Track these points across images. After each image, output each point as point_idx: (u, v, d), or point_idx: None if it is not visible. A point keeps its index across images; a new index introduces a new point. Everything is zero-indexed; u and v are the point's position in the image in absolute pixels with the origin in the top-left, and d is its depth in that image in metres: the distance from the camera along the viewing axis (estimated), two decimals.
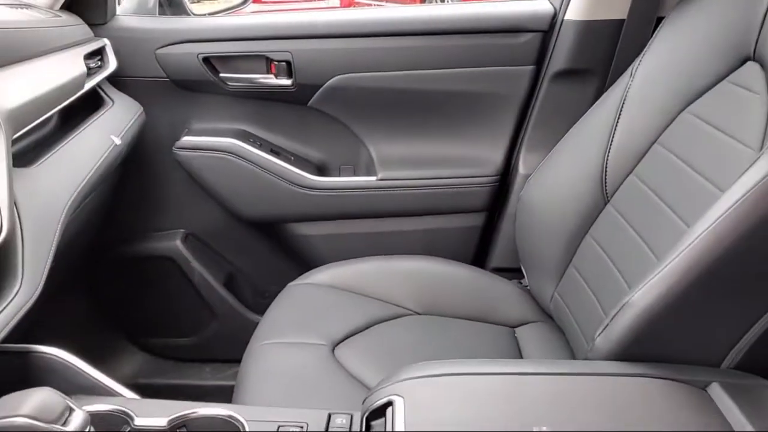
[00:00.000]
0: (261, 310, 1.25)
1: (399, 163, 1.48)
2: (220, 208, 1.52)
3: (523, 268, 1.31)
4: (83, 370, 0.85)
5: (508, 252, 1.44)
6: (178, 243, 1.53)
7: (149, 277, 1.55)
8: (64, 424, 0.62)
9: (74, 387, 0.85)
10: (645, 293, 0.78)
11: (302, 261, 1.50)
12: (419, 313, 1.23)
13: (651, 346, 0.78)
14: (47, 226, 0.91)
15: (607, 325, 0.81)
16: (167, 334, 1.61)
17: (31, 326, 0.86)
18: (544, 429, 0.65)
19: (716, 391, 0.72)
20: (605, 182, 1.10)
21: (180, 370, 1.62)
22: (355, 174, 1.51)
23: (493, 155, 1.46)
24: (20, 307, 0.80)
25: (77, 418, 0.63)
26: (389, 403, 0.71)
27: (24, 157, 0.99)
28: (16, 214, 0.83)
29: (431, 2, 5.47)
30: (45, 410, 0.61)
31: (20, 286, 0.81)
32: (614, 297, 0.93)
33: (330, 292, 1.25)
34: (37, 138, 1.07)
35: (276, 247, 1.59)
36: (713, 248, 0.74)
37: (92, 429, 0.65)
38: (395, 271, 1.30)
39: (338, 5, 5.86)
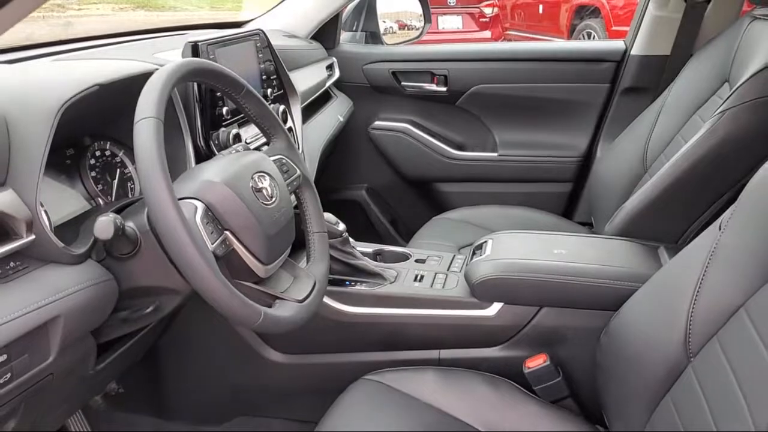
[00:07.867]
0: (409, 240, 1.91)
1: (513, 145, 2.15)
2: (392, 170, 2.26)
3: (592, 218, 1.92)
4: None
5: (584, 210, 2.07)
6: (363, 193, 2.29)
7: (342, 215, 2.30)
8: (336, 226, 1.37)
9: None
10: (632, 199, 1.42)
11: (441, 210, 2.13)
12: None
13: (634, 230, 1.41)
14: (313, 154, 1.70)
15: (612, 219, 1.46)
16: None
17: None
18: (562, 251, 1.31)
19: (661, 250, 1.35)
20: (645, 159, 1.69)
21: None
22: (483, 151, 2.19)
23: (579, 143, 2.10)
24: None
25: (342, 224, 1.38)
26: (486, 242, 1.41)
27: None
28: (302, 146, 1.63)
29: (579, 38, 6.03)
30: (330, 218, 1.37)
31: None
32: None
33: (459, 222, 1.93)
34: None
35: (424, 200, 2.29)
36: (672, 172, 1.36)
37: (347, 236, 1.39)
38: (502, 214, 1.94)
39: (490, 37, 6.56)
